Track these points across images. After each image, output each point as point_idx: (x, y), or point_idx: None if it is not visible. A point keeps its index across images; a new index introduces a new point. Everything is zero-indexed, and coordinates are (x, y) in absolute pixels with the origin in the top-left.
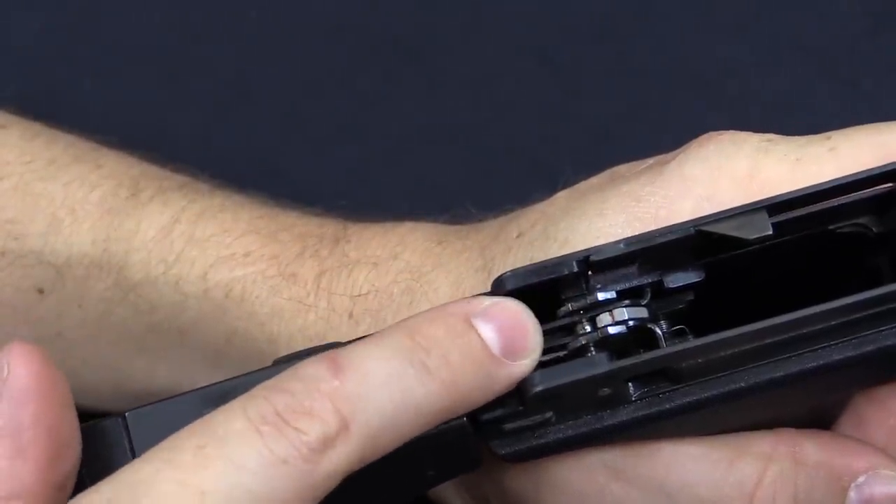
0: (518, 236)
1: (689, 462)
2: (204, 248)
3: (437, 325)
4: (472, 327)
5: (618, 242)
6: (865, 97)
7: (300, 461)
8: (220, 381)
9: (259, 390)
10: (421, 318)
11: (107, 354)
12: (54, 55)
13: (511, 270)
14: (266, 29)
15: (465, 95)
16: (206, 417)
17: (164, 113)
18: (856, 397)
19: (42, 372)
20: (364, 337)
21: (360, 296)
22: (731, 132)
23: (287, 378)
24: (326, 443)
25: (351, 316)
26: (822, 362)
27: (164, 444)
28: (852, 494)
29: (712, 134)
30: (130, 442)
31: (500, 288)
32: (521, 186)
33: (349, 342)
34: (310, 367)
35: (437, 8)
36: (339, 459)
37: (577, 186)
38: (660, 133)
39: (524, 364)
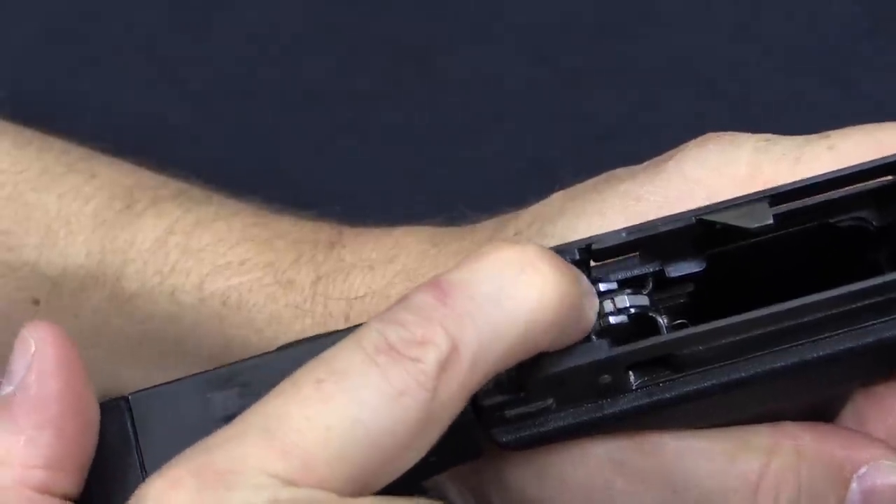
0: (515, 235)
1: (692, 455)
2: (199, 258)
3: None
4: None
5: (619, 231)
6: (865, 97)
7: (418, 390)
8: (225, 365)
9: (372, 322)
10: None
11: (103, 364)
12: (52, 56)
13: None
14: (266, 29)
15: (464, 95)
16: (325, 353)
17: (163, 112)
18: (855, 394)
19: (67, 350)
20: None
21: (356, 298)
22: (730, 133)
23: (397, 310)
24: (441, 367)
25: (347, 319)
26: (821, 353)
27: (288, 379)
28: (854, 485)
29: (711, 135)
30: (133, 424)
31: None
32: (521, 186)
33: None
34: (417, 297)
35: (438, 8)
36: (454, 383)
37: (573, 187)
38: (660, 133)
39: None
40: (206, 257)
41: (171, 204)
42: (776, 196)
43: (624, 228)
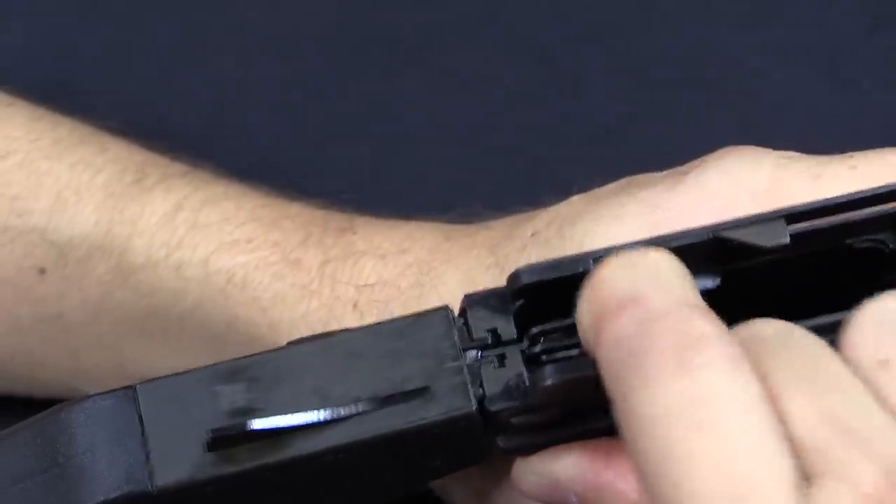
0: (533, 235)
1: None
2: (207, 234)
3: None
4: None
5: (634, 244)
6: (865, 97)
7: None
8: (234, 359)
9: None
10: None
11: (107, 336)
12: (54, 54)
13: (527, 265)
14: (266, 28)
15: (464, 95)
16: None
17: (164, 113)
18: None
19: None
20: None
21: (366, 286)
22: (752, 147)
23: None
24: None
25: (356, 306)
26: None
27: None
28: None
29: (731, 148)
30: (140, 413)
31: (515, 282)
32: (522, 187)
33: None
34: None
35: (438, 7)
36: None
37: (592, 192)
38: (661, 133)
39: None
40: (214, 234)
41: (181, 181)
42: (793, 215)
43: (639, 241)
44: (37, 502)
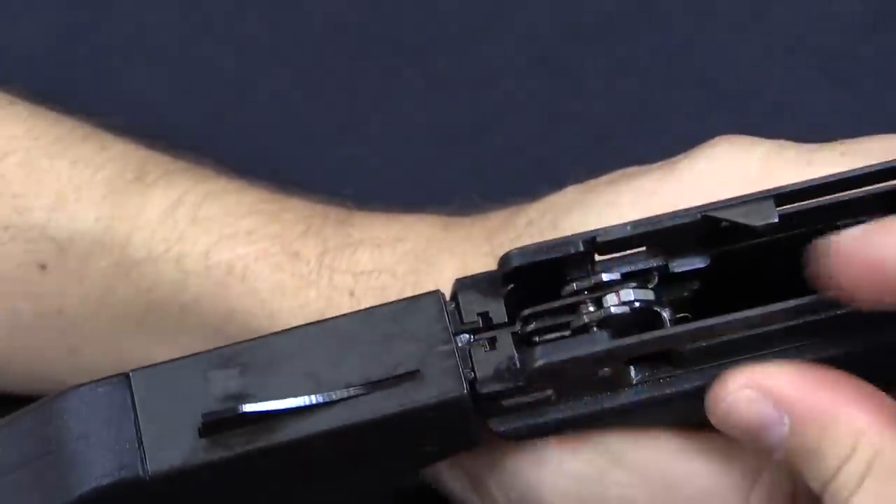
0: (528, 224)
1: (690, 453)
2: (207, 227)
3: None
4: None
5: (625, 224)
6: (865, 97)
7: None
8: (227, 345)
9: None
10: None
11: (107, 332)
12: (55, 54)
13: (518, 248)
14: (266, 29)
15: (464, 95)
16: None
17: (165, 113)
18: None
19: None
20: None
21: (362, 273)
22: (743, 136)
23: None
24: None
25: (352, 294)
26: (821, 355)
27: None
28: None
29: (724, 137)
30: (133, 400)
31: (507, 264)
32: (522, 186)
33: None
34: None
35: (438, 8)
36: None
37: (587, 182)
38: (661, 132)
39: None
40: (214, 227)
41: (182, 177)
42: (782, 195)
43: (629, 222)
44: (31, 490)
